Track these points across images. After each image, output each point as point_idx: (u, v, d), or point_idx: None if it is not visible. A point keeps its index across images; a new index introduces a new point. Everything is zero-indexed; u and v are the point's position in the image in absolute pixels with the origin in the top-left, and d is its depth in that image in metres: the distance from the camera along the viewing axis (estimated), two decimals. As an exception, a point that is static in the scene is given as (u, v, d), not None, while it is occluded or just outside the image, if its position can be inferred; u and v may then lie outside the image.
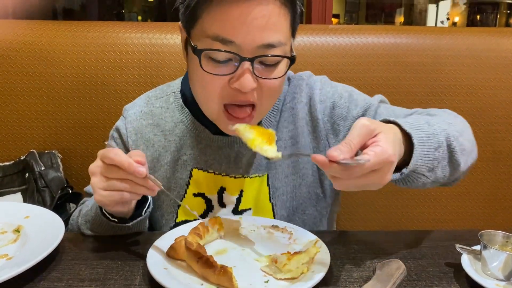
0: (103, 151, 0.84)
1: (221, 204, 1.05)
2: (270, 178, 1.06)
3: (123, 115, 1.12)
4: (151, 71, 1.54)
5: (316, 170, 1.08)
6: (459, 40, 1.60)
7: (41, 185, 1.44)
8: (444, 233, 1.02)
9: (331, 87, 1.09)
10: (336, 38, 1.59)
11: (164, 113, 1.09)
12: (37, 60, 1.52)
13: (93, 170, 0.85)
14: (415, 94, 1.59)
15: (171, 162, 1.07)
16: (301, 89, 1.08)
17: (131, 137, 1.09)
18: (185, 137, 1.06)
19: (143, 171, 0.82)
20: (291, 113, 1.07)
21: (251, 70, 0.86)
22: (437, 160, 0.85)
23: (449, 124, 0.92)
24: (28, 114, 1.55)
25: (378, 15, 10.58)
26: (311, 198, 1.08)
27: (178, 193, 1.07)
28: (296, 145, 1.06)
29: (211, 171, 1.05)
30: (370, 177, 0.72)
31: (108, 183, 0.83)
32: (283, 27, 0.88)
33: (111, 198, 0.85)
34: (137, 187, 0.84)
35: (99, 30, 1.56)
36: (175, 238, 0.84)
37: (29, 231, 0.92)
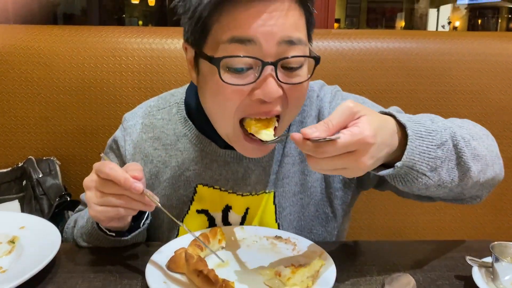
0: (98, 164, 0.81)
1: (226, 223, 1.00)
2: (276, 196, 1.00)
3: (122, 125, 1.07)
4: (151, 76, 1.52)
5: (324, 188, 1.02)
6: (463, 45, 1.57)
7: (38, 192, 1.41)
8: (453, 243, 0.99)
9: (341, 99, 1.03)
10: (339, 42, 1.56)
11: (166, 125, 1.03)
12: (36, 65, 1.50)
13: (87, 184, 0.82)
14: (420, 100, 1.56)
15: (172, 178, 1.01)
16: (311, 102, 1.02)
17: (129, 150, 1.04)
18: (188, 152, 1.00)
19: (140, 187, 0.78)
20: (300, 127, 1.00)
21: (274, 76, 0.80)
22: (440, 160, 0.78)
23: (460, 127, 0.85)
24: (27, 120, 1.52)
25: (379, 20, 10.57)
26: (319, 218, 1.03)
27: (181, 210, 1.01)
28: (304, 161, 1.00)
29: (217, 187, 1.00)
30: (345, 158, 0.69)
31: (103, 198, 0.80)
32: (301, 25, 0.83)
33: (106, 214, 0.81)
34: (133, 203, 0.80)
35: (98, 35, 1.53)
36: (175, 250, 0.81)
37: (24, 242, 0.89)
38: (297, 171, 1.01)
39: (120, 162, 1.05)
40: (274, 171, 1.00)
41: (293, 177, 1.01)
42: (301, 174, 1.01)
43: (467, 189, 0.87)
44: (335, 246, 0.96)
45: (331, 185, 1.02)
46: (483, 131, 0.93)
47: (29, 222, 0.96)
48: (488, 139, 0.91)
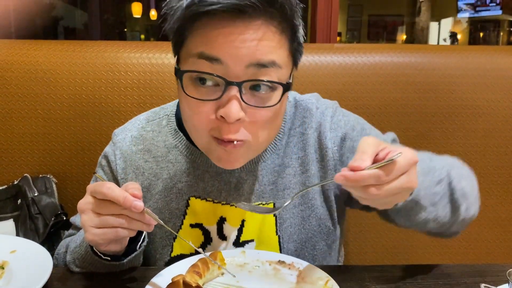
0: (93, 185, 0.77)
1: (221, 236, 0.97)
2: None
3: (112, 141, 1.05)
4: (151, 91, 1.49)
5: (323, 201, 1.00)
6: (468, 59, 1.55)
7: (34, 211, 1.37)
8: (464, 267, 0.94)
9: (343, 115, 1.02)
10: (342, 57, 1.54)
11: (156, 137, 1.01)
12: (34, 81, 1.47)
13: (82, 207, 0.78)
14: (424, 114, 1.53)
15: (163, 191, 0.99)
16: (311, 114, 1.00)
17: (120, 164, 1.01)
18: (180, 163, 0.98)
19: (141, 205, 0.75)
20: (301, 139, 0.99)
21: (238, 97, 0.77)
22: (439, 195, 0.82)
23: (452, 166, 0.89)
24: (23, 137, 1.49)
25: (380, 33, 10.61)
26: (321, 232, 1.00)
27: (174, 225, 0.98)
28: (305, 173, 0.98)
29: (210, 199, 0.97)
30: (401, 180, 0.68)
31: (101, 220, 0.77)
32: (277, 49, 0.79)
33: (105, 236, 0.78)
34: (133, 223, 0.77)
35: (97, 50, 1.51)
36: (172, 277, 0.77)
37: (14, 267, 0.85)
38: (297, 182, 0.98)
39: (112, 178, 1.02)
40: (270, 181, 0.97)
41: (293, 188, 0.98)
42: (302, 185, 0.98)
43: (454, 224, 0.90)
44: (341, 270, 0.91)
45: (329, 198, 1.00)
46: (468, 171, 0.96)
47: (21, 246, 0.92)
48: (472, 180, 0.95)
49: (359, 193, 0.70)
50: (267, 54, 0.78)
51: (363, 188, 0.68)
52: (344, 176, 0.67)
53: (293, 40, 0.82)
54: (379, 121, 1.51)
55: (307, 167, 0.98)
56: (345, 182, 0.68)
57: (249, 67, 0.77)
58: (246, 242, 0.97)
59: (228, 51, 0.76)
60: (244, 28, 0.76)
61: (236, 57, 0.77)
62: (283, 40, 0.80)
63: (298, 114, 1.01)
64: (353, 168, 0.67)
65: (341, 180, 0.68)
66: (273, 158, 0.98)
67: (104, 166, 1.04)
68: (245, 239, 0.97)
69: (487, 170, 1.55)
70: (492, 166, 1.55)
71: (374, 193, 0.68)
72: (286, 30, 0.80)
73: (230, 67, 0.77)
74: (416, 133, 1.53)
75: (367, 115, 1.50)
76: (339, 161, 0.99)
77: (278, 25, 0.79)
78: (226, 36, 0.76)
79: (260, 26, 0.77)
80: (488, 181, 1.55)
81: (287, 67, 0.83)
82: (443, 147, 1.53)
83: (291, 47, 0.83)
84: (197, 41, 0.79)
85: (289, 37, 0.82)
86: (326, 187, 1.00)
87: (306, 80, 1.48)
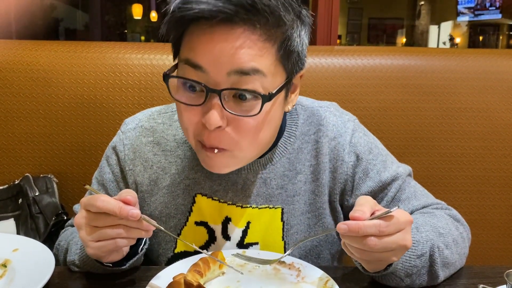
0: (87, 199, 0.77)
1: (225, 236, 0.98)
2: (285, 213, 0.97)
3: (120, 130, 1.04)
4: (151, 92, 1.49)
5: (330, 210, 1.00)
6: (469, 62, 1.56)
7: (35, 211, 1.38)
8: (462, 269, 0.94)
9: (363, 134, 1.02)
10: (342, 59, 1.54)
11: (166, 130, 1.01)
12: (35, 81, 1.48)
13: (79, 222, 0.78)
14: (423, 117, 1.54)
15: (170, 186, 0.99)
16: (328, 122, 0.99)
17: (129, 155, 1.01)
18: (188, 160, 0.98)
19: (137, 213, 0.75)
20: (315, 147, 0.98)
21: (219, 104, 0.78)
22: (417, 268, 0.83)
23: (440, 234, 0.88)
24: (24, 137, 1.49)
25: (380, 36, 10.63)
26: (327, 241, 1.01)
27: (179, 221, 0.99)
28: (316, 181, 0.98)
29: (216, 198, 0.97)
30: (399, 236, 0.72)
31: (98, 233, 0.77)
32: (258, 57, 0.78)
33: (105, 248, 0.78)
34: (131, 231, 0.77)
35: (99, 51, 1.51)
36: (173, 276, 0.78)
37: (17, 266, 0.86)
38: (307, 189, 0.98)
39: (118, 170, 1.02)
40: (278, 185, 0.97)
41: (303, 195, 0.98)
42: (311, 193, 0.99)
43: None
44: (341, 271, 0.92)
45: (336, 209, 1.01)
46: (460, 229, 0.96)
47: (23, 245, 0.93)
48: (463, 241, 0.95)
49: (358, 244, 0.72)
50: (247, 61, 0.77)
51: (362, 239, 0.71)
52: (346, 225, 0.70)
53: (280, 49, 0.81)
54: (378, 123, 1.52)
55: (318, 176, 0.98)
56: (347, 231, 0.70)
57: (230, 75, 0.77)
58: (250, 244, 0.98)
59: (209, 58, 0.77)
60: (225, 36, 0.77)
61: (216, 64, 0.77)
62: (267, 48, 0.79)
63: (314, 121, 1.00)
64: (354, 219, 0.70)
65: (343, 229, 0.70)
66: (283, 162, 0.98)
67: (110, 157, 1.03)
68: (250, 241, 0.98)
69: (486, 173, 1.55)
70: (490, 168, 1.55)
71: (373, 243, 0.70)
72: (271, 38, 0.79)
73: (211, 74, 0.78)
74: (415, 136, 1.54)
75: (367, 117, 1.51)
76: (351, 177, 0.98)
77: (262, 33, 0.78)
78: (206, 44, 0.77)
79: (240, 34, 0.77)
80: (486, 183, 1.56)
81: (274, 75, 0.81)
82: (442, 149, 1.54)
83: (278, 55, 0.81)
84: (185, 48, 0.81)
85: (276, 45, 0.80)
86: (333, 198, 1.00)
87: (306, 83, 1.49)
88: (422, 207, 0.98)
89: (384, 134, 1.53)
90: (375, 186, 0.97)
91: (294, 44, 0.82)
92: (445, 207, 1.01)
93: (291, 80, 0.87)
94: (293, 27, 0.81)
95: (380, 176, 0.98)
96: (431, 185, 1.53)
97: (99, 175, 1.05)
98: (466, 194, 1.56)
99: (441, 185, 1.56)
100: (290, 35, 0.81)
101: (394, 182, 0.98)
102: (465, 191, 1.56)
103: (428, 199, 1.01)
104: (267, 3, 0.76)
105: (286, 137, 0.98)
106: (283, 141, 0.98)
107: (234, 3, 0.74)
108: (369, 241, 0.70)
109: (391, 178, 0.98)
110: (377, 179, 0.97)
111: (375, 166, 0.98)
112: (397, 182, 0.98)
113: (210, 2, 0.74)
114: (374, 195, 0.98)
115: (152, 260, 1.04)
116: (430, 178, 1.55)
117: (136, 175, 1.01)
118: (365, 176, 0.98)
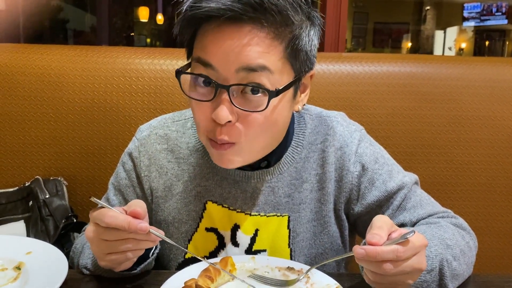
0: (96, 214, 0.78)
1: (234, 242, 0.99)
2: (291, 221, 0.99)
3: (135, 137, 1.06)
4: (161, 97, 1.51)
5: (335, 219, 1.01)
6: (476, 70, 1.56)
7: (45, 213, 1.40)
8: (470, 277, 0.95)
9: (370, 144, 1.03)
10: (350, 66, 1.55)
11: (180, 138, 1.03)
12: (45, 85, 1.50)
13: (89, 236, 0.80)
14: (431, 125, 1.54)
15: (183, 192, 1.01)
16: (334, 132, 1.01)
17: (144, 162, 1.03)
18: (200, 167, 1.00)
19: (146, 226, 0.76)
20: (321, 156, 1.00)
21: (228, 99, 0.81)
22: (427, 283, 0.84)
23: (447, 246, 0.88)
24: (35, 140, 1.51)
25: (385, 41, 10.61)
26: (332, 249, 1.02)
27: (190, 226, 1.01)
28: (322, 190, 0.99)
29: (226, 205, 0.99)
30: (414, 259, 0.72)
31: (109, 247, 0.79)
32: (266, 54, 0.80)
33: (117, 261, 0.80)
34: (140, 243, 0.79)
35: (109, 56, 1.53)
36: (184, 281, 0.79)
37: (30, 269, 0.87)
38: (313, 198, 1.00)
39: (135, 176, 1.04)
40: (286, 193, 0.99)
41: (309, 203, 0.99)
42: (317, 201, 1.00)
43: None
44: (349, 278, 0.93)
45: (341, 217, 1.02)
46: (466, 239, 0.96)
47: (36, 248, 0.94)
48: (470, 251, 0.95)
49: (374, 268, 0.72)
50: (255, 58, 0.80)
51: (379, 263, 0.71)
52: (364, 250, 0.70)
53: (288, 47, 0.82)
54: (385, 130, 1.53)
55: (324, 185, 0.99)
56: (365, 256, 0.70)
57: (239, 72, 0.80)
58: (258, 251, 0.99)
59: (218, 56, 0.80)
60: (233, 33, 0.79)
61: (225, 61, 0.80)
62: (274, 46, 0.81)
63: (321, 130, 1.01)
64: (372, 244, 0.70)
65: (360, 253, 0.70)
66: (290, 171, 0.99)
67: (126, 163, 1.05)
68: (258, 248, 0.99)
69: (492, 180, 1.56)
70: (497, 176, 1.56)
71: (389, 268, 0.71)
72: (279, 36, 0.81)
73: (220, 71, 0.81)
74: (422, 143, 1.54)
75: (374, 124, 1.52)
76: (356, 186, 1.00)
77: (270, 32, 0.80)
78: (216, 42, 0.80)
79: (248, 32, 0.79)
80: (493, 191, 1.56)
81: (281, 73, 0.83)
82: (448, 157, 1.55)
83: (286, 53, 0.83)
84: (197, 47, 0.84)
85: (284, 43, 0.82)
86: (338, 206, 1.01)
87: (314, 89, 1.50)
88: (428, 216, 0.99)
89: (390, 141, 1.54)
90: (381, 196, 0.98)
91: (302, 43, 0.84)
92: (451, 215, 1.01)
93: (300, 79, 0.89)
94: (302, 27, 0.84)
95: (385, 186, 0.98)
96: (437, 192, 1.54)
97: (116, 180, 1.06)
98: (473, 202, 1.57)
99: (447, 192, 1.56)
100: (299, 34, 0.83)
101: (399, 191, 0.99)
102: (471, 198, 1.56)
103: (434, 208, 1.01)
104: (275, 2, 0.78)
105: (294, 147, 0.99)
106: (291, 151, 0.99)
107: (242, 2, 0.77)
108: (385, 266, 0.71)
109: (396, 188, 0.99)
110: (383, 189, 0.98)
111: (380, 176, 0.99)
112: (402, 191, 0.99)
113: (220, 0, 0.77)
114: (380, 204, 0.99)
115: (163, 265, 1.05)
116: (436, 185, 1.55)
117: (152, 181, 1.03)
118: (371, 186, 0.99)
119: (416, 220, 0.98)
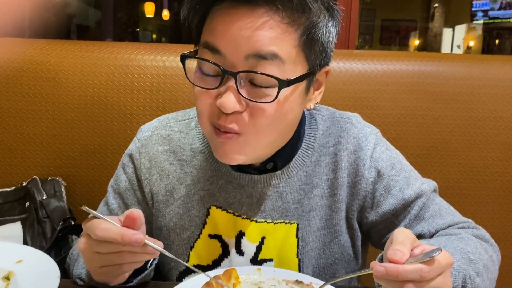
0: (88, 225, 0.73)
1: (239, 251, 0.93)
2: (300, 229, 0.93)
3: (136, 137, 1.01)
4: (164, 94, 1.45)
5: (346, 228, 0.95)
6: (493, 69, 1.50)
7: (42, 215, 1.34)
8: None
9: (386, 148, 0.96)
10: (361, 64, 1.49)
11: (183, 139, 0.97)
12: (45, 81, 1.45)
13: (82, 248, 0.75)
14: (444, 125, 1.48)
15: (186, 196, 0.95)
16: (348, 134, 0.95)
17: (145, 164, 0.97)
18: (204, 170, 0.94)
19: (140, 238, 0.71)
20: (334, 160, 0.93)
21: (235, 87, 0.75)
22: None
23: (470, 261, 0.83)
24: (33, 138, 1.46)
25: (393, 38, 10.52)
26: (343, 260, 0.96)
27: (193, 233, 0.95)
28: (333, 197, 0.93)
29: (231, 211, 0.93)
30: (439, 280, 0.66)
31: (103, 260, 0.74)
32: (279, 40, 0.75)
33: (111, 274, 0.75)
34: (136, 256, 0.73)
35: (110, 51, 1.48)
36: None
37: (20, 279, 0.82)
38: (324, 205, 0.94)
39: (135, 178, 0.99)
40: (295, 199, 0.93)
41: (320, 210, 0.93)
42: (328, 209, 0.94)
43: None
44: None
45: (353, 227, 0.95)
46: (489, 252, 0.90)
47: (27, 256, 0.89)
48: (493, 265, 0.89)
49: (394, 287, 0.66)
50: (266, 45, 0.74)
51: (400, 284, 0.64)
52: (385, 268, 0.64)
53: (303, 34, 0.77)
54: (398, 131, 1.47)
55: (336, 191, 0.93)
56: (385, 274, 0.64)
57: (248, 59, 0.75)
58: (264, 260, 0.93)
59: (227, 41, 0.75)
60: (245, 15, 0.74)
61: (234, 47, 0.75)
62: (289, 32, 0.76)
63: (333, 132, 0.95)
64: (394, 261, 0.64)
65: (380, 271, 0.64)
66: (300, 176, 0.93)
67: (126, 165, 1.00)
68: (264, 258, 0.93)
69: (509, 185, 1.49)
70: (513, 180, 1.49)
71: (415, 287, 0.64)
72: (295, 22, 0.76)
73: (228, 57, 0.75)
74: (435, 144, 1.48)
75: (386, 124, 1.46)
76: (370, 193, 0.94)
77: (285, 16, 0.75)
78: (225, 24, 0.75)
79: (262, 14, 0.74)
80: (510, 196, 1.49)
81: (294, 63, 0.77)
82: (463, 159, 1.48)
83: (300, 42, 0.77)
84: (206, 32, 0.79)
85: (299, 30, 0.76)
86: (350, 214, 0.95)
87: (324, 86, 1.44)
88: (448, 226, 0.93)
89: (403, 142, 1.48)
90: (398, 204, 0.92)
91: (319, 33, 0.78)
92: (472, 225, 0.95)
93: (315, 73, 0.83)
94: (320, 16, 0.78)
95: (403, 194, 0.92)
96: (451, 196, 1.48)
97: (115, 183, 1.01)
98: (488, 207, 1.50)
99: (461, 197, 1.50)
100: (316, 23, 0.78)
101: (417, 199, 0.93)
102: (486, 204, 1.50)
103: (455, 218, 0.95)
104: None
105: (304, 149, 0.93)
106: (301, 154, 0.93)
107: None
108: (407, 286, 0.64)
109: (414, 196, 0.92)
110: (400, 197, 0.92)
111: (397, 182, 0.93)
112: (420, 199, 0.93)
113: None
114: (396, 213, 0.93)
115: (163, 274, 1.00)
116: (450, 189, 1.49)
117: (152, 184, 0.97)
118: (387, 193, 0.93)
119: (435, 231, 0.92)
